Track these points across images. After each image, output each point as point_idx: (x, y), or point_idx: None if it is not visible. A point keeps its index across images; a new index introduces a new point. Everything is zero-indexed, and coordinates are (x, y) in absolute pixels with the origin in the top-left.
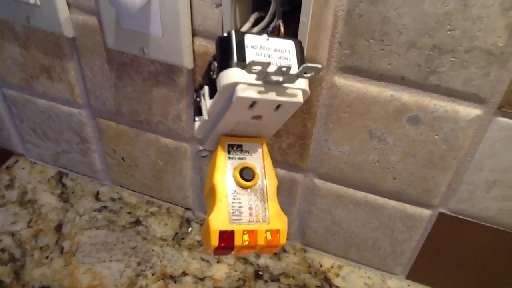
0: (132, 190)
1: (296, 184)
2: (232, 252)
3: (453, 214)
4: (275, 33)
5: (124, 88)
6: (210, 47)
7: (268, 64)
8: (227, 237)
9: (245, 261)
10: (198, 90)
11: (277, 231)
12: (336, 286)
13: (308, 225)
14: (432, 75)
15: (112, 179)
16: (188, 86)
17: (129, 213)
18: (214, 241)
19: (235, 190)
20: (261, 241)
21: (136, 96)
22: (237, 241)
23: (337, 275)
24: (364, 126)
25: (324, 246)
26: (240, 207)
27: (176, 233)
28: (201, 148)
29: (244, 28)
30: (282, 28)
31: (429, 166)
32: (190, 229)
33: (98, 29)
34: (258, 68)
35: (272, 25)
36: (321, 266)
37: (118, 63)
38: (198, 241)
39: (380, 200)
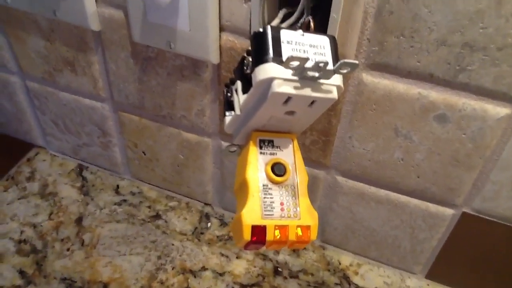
0: (152, 184)
1: (318, 181)
2: (263, 247)
3: (476, 214)
4: (303, 29)
5: (148, 82)
6: (237, 42)
7: (307, 59)
8: (259, 231)
9: (264, 257)
10: (228, 85)
11: (308, 227)
12: (355, 284)
13: (328, 222)
14: (462, 73)
15: (132, 173)
16: (213, 81)
17: (149, 207)
18: (247, 235)
19: (267, 185)
20: (292, 237)
21: (160, 90)
22: (269, 236)
23: (356, 273)
24: (389, 123)
25: (343, 243)
26: (271, 202)
27: (196, 228)
28: (223, 142)
29: (273, 24)
30: (312, 24)
31: (455, 164)
32: (209, 224)
33: (124, 23)
34: (296, 63)
35: (301, 21)
36: (340, 263)
37: (143, 57)
38: (218, 236)
39: (403, 198)
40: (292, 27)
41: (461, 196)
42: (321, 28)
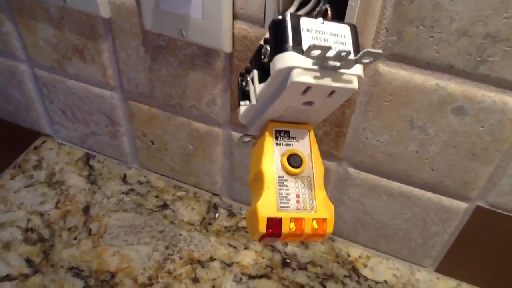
0: (160, 174)
1: (329, 173)
2: (278, 240)
3: (491, 208)
4: (320, 17)
5: (159, 71)
6: (250, 31)
7: (329, 48)
8: (274, 224)
9: (273, 248)
10: (243, 74)
11: (324, 220)
12: (364, 277)
13: (338, 214)
14: (483, 64)
15: (140, 162)
16: (224, 70)
17: (157, 196)
18: (262, 228)
19: (283, 177)
20: (307, 230)
21: (171, 79)
22: (284, 229)
23: (365, 266)
24: (405, 115)
25: (352, 236)
26: (287, 194)
27: (204, 218)
28: (233, 132)
29: (289, 11)
30: (329, 12)
31: (471, 158)
32: (217, 214)
33: (135, 11)
34: (317, 52)
35: (318, 9)
36: (349, 256)
37: (154, 46)
38: (226, 227)
39: (416, 191)
40: (308, 15)
41: (476, 190)
42: (338, 16)
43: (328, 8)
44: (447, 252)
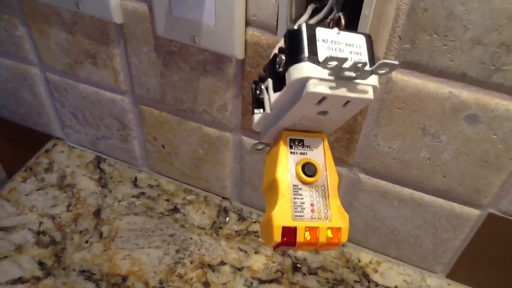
0: (170, 178)
1: (340, 178)
2: (293, 248)
3: (503, 215)
4: (333, 25)
5: (170, 77)
6: (262, 37)
7: (345, 59)
8: (289, 233)
9: (283, 253)
10: (257, 82)
11: (339, 229)
12: (375, 282)
13: (349, 220)
14: (496, 73)
15: (151, 166)
16: (236, 76)
17: (167, 200)
18: (277, 236)
19: (297, 186)
20: (322, 239)
21: (182, 84)
22: (299, 238)
23: (376, 271)
24: (417, 122)
25: (363, 241)
26: (302, 203)
27: (214, 222)
28: (244, 138)
29: (302, 19)
30: (343, 21)
31: (483, 165)
32: (227, 218)
33: (148, 16)
34: (334, 63)
35: (331, 16)
36: (359, 261)
37: (166, 51)
38: (236, 231)
39: (427, 198)
40: (321, 23)
41: (488, 197)
42: (351, 24)
43: (341, 16)
44: (459, 259)
